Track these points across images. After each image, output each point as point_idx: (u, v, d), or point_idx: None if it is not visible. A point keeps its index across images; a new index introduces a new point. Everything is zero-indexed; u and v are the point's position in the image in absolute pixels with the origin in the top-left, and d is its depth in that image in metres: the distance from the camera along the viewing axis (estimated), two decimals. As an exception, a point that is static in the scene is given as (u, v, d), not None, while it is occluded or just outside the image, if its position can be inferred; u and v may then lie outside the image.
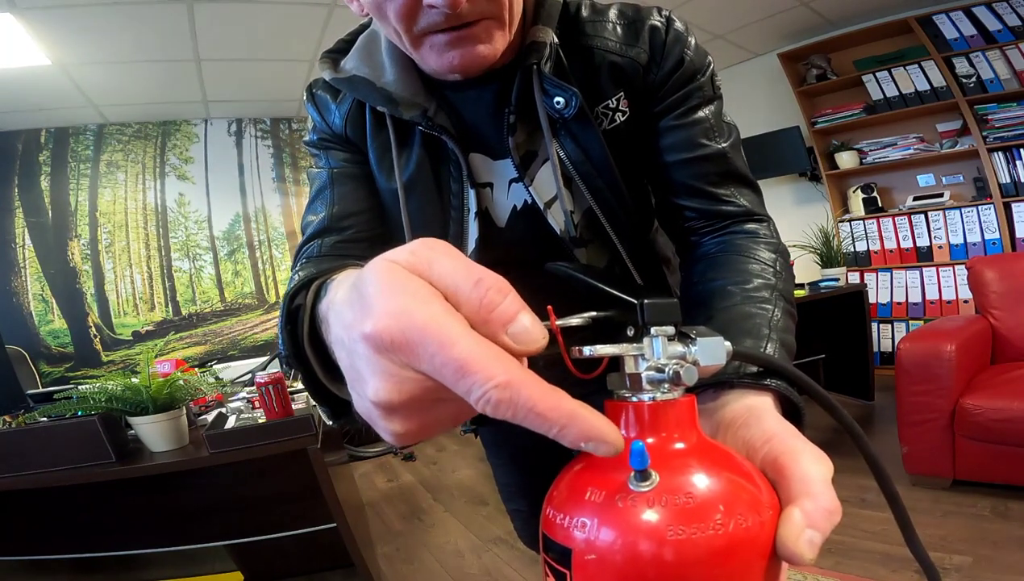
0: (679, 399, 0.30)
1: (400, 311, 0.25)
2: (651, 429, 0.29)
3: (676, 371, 0.28)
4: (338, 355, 0.30)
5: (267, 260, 4.33)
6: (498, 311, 0.25)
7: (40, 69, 2.88)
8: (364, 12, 0.54)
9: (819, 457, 0.32)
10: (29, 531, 1.88)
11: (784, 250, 0.61)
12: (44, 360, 3.63)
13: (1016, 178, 3.18)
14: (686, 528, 0.25)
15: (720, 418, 0.39)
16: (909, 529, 0.40)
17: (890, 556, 1.73)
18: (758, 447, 0.34)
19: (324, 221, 0.65)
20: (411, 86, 0.60)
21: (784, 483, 0.31)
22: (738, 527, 0.26)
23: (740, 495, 0.27)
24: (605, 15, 0.61)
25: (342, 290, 0.31)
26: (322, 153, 0.69)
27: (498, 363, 0.23)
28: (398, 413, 0.27)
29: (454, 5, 0.46)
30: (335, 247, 0.64)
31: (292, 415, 1.54)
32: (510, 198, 0.66)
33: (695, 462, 0.28)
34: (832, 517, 0.29)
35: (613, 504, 0.26)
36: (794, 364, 0.49)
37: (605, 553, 0.26)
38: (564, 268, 0.37)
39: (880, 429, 2.84)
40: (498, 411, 0.23)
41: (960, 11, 3.22)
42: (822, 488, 0.30)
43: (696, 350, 0.31)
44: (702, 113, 0.62)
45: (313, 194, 0.69)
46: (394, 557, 2.24)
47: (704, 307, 0.53)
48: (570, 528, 0.27)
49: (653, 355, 0.30)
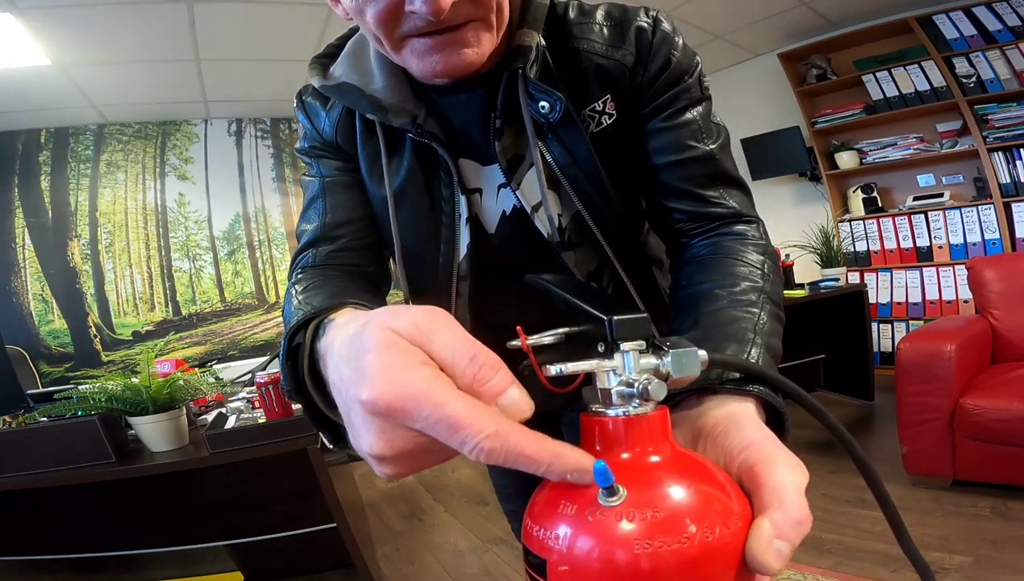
0: (649, 414, 0.31)
1: (394, 381, 0.28)
2: (622, 444, 0.30)
3: (645, 387, 0.30)
4: (335, 398, 0.33)
5: (267, 260, 4.33)
6: (489, 385, 0.28)
7: (40, 69, 2.88)
8: (349, 16, 0.53)
9: (793, 465, 0.32)
10: (29, 531, 1.88)
11: (773, 252, 0.61)
12: (44, 360, 3.63)
13: (1016, 178, 3.18)
14: (652, 541, 0.26)
15: (702, 425, 0.39)
16: (901, 529, 0.40)
17: (890, 556, 1.73)
18: (735, 455, 0.34)
19: (317, 230, 0.66)
20: (400, 92, 0.59)
21: (758, 492, 0.31)
22: (704, 539, 0.27)
23: (708, 507, 0.28)
24: (592, 16, 0.60)
25: (340, 338, 0.34)
26: (314, 161, 0.69)
27: (487, 417, 0.26)
28: (390, 461, 0.30)
29: (437, 13, 0.45)
30: (329, 256, 0.65)
31: (292, 415, 1.54)
32: (499, 203, 0.65)
33: (665, 475, 0.29)
34: (801, 527, 0.29)
35: (584, 518, 0.28)
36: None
37: (577, 564, 0.27)
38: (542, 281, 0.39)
39: (880, 429, 2.84)
40: (491, 458, 0.26)
41: (960, 11, 3.22)
42: (793, 498, 0.30)
43: (669, 362, 0.32)
44: (690, 115, 0.61)
45: (306, 203, 0.69)
46: (394, 557, 2.24)
47: (691, 311, 0.53)
48: (545, 540, 0.29)
49: (624, 370, 0.31)
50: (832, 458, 2.39)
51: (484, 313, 0.71)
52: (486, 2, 0.49)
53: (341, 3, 0.53)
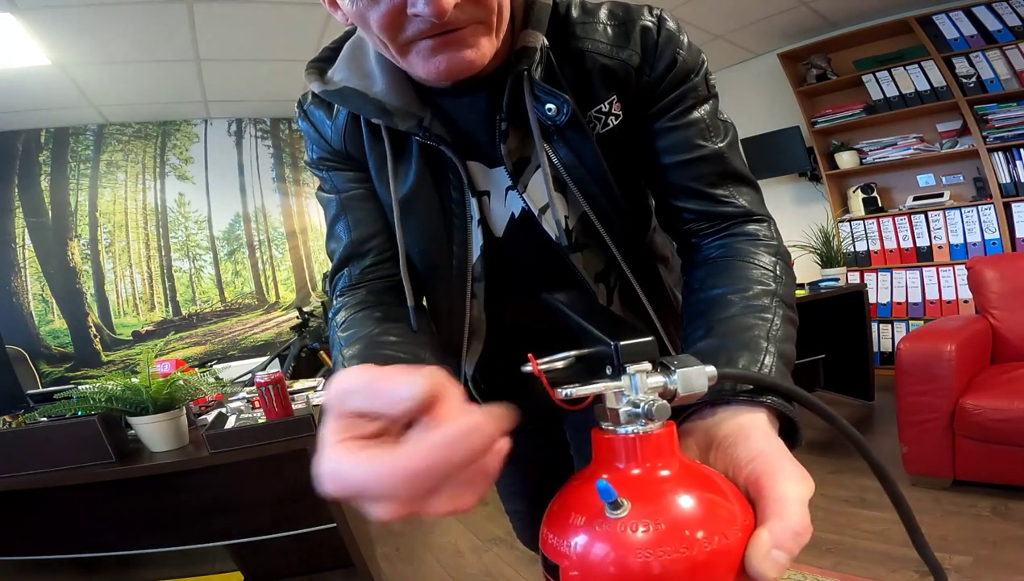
0: (655, 432, 0.33)
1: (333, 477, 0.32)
2: (631, 460, 0.33)
3: (649, 408, 0.32)
4: None
5: (267, 260, 4.33)
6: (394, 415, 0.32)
7: (40, 69, 2.88)
8: (349, 21, 0.53)
9: (799, 478, 0.33)
10: (29, 531, 1.88)
11: (785, 252, 0.60)
12: (44, 360, 3.63)
13: (1016, 178, 3.18)
14: (653, 551, 0.29)
15: (714, 435, 0.40)
16: (916, 532, 0.40)
17: (890, 556, 1.73)
18: (743, 466, 0.35)
19: (347, 248, 0.67)
20: (404, 95, 0.59)
21: (761, 503, 0.32)
22: (703, 548, 0.29)
23: (709, 518, 0.30)
24: (596, 16, 0.60)
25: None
26: (327, 175, 0.68)
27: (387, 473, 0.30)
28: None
29: (440, 15, 0.45)
30: (364, 273, 0.67)
31: (292, 415, 1.54)
32: (507, 206, 0.65)
33: (668, 488, 0.32)
34: (799, 538, 0.30)
35: (592, 528, 0.30)
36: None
37: (585, 571, 0.30)
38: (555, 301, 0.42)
39: (880, 429, 2.84)
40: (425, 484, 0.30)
41: (960, 11, 3.22)
42: (794, 509, 0.31)
43: (676, 379, 0.34)
44: (697, 113, 0.60)
45: (330, 222, 0.69)
46: (394, 557, 2.24)
47: (704, 318, 0.53)
48: (558, 547, 0.31)
49: (632, 391, 0.33)
50: (832, 458, 2.39)
51: (500, 315, 0.71)
52: (488, 4, 0.49)
53: (340, 9, 0.52)
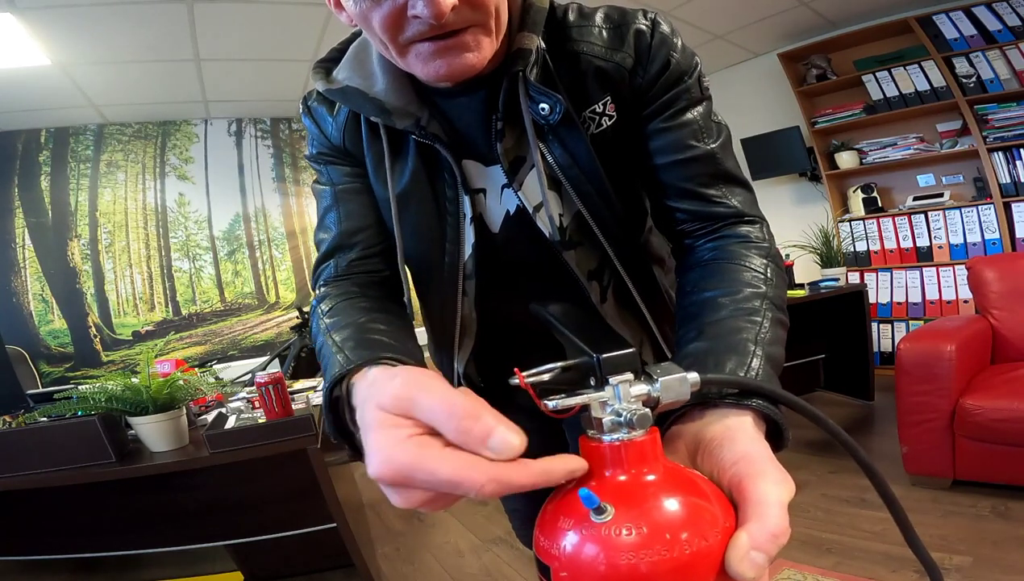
0: (639, 439, 0.34)
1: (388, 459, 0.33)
2: (615, 466, 0.34)
3: (631, 417, 0.33)
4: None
5: (267, 260, 4.33)
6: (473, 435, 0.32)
7: (40, 69, 2.88)
8: (353, 22, 0.54)
9: (779, 480, 0.34)
10: (29, 531, 1.88)
11: (776, 253, 0.61)
12: (44, 360, 3.63)
13: (1016, 178, 3.18)
14: (636, 553, 0.30)
15: (701, 438, 0.40)
16: (909, 531, 0.41)
17: (890, 556, 1.73)
18: (727, 468, 0.36)
19: (335, 239, 0.68)
20: (403, 95, 0.60)
21: (742, 505, 0.34)
22: (683, 550, 0.30)
23: (690, 520, 0.32)
24: (591, 19, 0.61)
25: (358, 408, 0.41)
26: (324, 168, 0.70)
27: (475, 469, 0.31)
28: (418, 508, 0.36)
29: (439, 16, 0.46)
30: (351, 266, 0.68)
31: (292, 415, 1.54)
32: (503, 203, 0.67)
33: (651, 493, 0.33)
34: (777, 540, 0.31)
35: (578, 532, 0.32)
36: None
37: (573, 572, 0.32)
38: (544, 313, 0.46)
39: (880, 429, 2.84)
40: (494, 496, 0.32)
41: (960, 11, 3.22)
42: (773, 511, 0.32)
43: (658, 387, 0.35)
44: (690, 115, 0.62)
45: (321, 212, 0.70)
46: (394, 557, 2.24)
47: (695, 320, 0.54)
48: (548, 549, 0.33)
49: (615, 401, 0.34)
50: (832, 458, 2.39)
51: (491, 310, 0.72)
52: (485, 7, 0.50)
53: (345, 10, 0.53)
